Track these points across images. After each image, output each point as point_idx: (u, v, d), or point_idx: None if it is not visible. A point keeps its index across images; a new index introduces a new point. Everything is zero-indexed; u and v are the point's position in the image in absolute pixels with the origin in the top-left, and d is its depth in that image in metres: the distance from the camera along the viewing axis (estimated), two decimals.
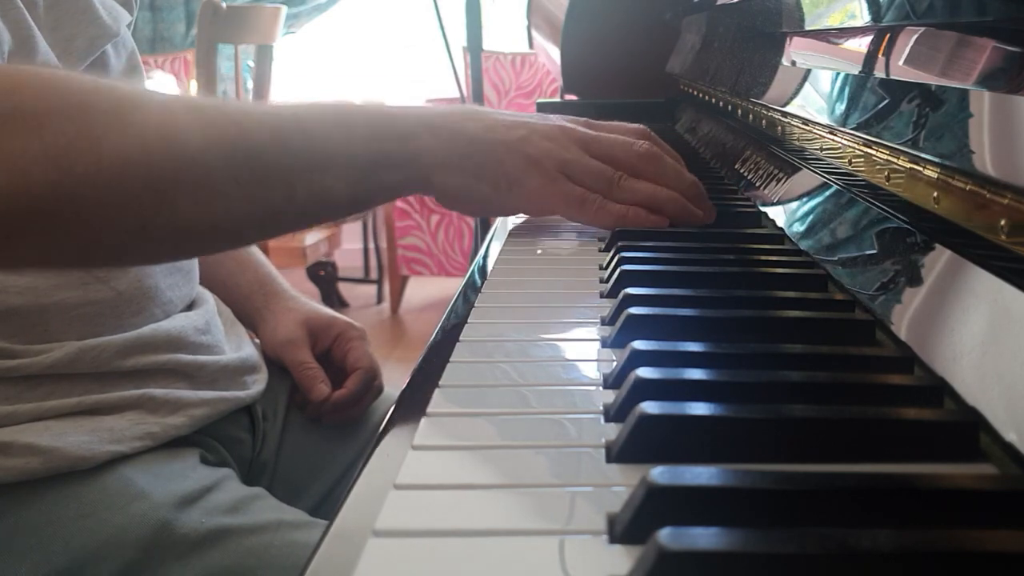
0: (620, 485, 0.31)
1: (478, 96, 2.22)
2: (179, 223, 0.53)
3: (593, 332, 0.48)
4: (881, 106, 0.53)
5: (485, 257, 0.66)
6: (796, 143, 0.72)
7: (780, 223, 0.66)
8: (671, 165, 0.68)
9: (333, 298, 3.56)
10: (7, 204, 0.47)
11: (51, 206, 0.48)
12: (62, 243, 0.51)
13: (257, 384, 0.83)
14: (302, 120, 0.57)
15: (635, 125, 0.70)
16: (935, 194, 0.44)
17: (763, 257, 0.60)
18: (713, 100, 1.07)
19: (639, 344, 0.41)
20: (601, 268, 0.61)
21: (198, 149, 0.52)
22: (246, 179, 0.54)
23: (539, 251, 0.69)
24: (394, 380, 0.78)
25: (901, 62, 0.52)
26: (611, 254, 0.61)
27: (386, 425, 0.37)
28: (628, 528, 0.28)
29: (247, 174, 0.54)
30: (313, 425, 0.90)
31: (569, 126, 0.66)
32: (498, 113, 0.65)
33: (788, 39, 0.79)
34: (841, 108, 0.61)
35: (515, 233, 0.73)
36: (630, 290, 0.50)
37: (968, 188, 0.41)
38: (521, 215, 0.81)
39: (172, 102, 0.54)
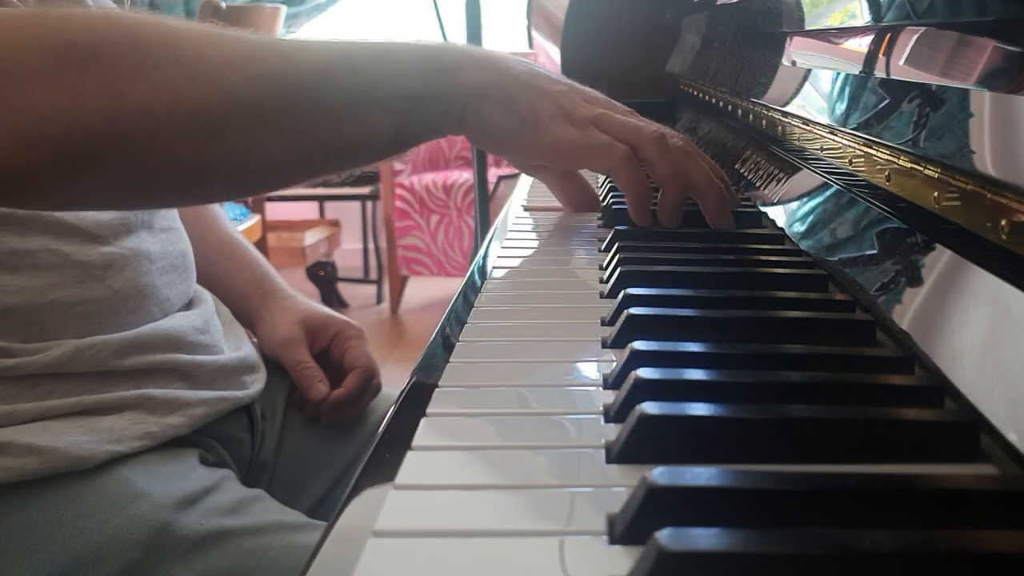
0: (620, 485, 0.31)
1: None
2: (230, 157, 0.53)
3: (593, 332, 0.48)
4: (881, 106, 0.53)
5: (485, 257, 0.66)
6: (796, 143, 0.72)
7: (780, 223, 0.66)
8: (703, 167, 0.68)
9: (333, 298, 3.56)
10: (66, 138, 0.48)
11: (106, 139, 0.49)
12: (117, 178, 0.51)
13: (256, 384, 0.83)
14: (350, 54, 0.58)
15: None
16: (935, 194, 0.44)
17: (763, 257, 0.60)
18: (713, 100, 1.07)
19: (639, 344, 0.41)
20: (601, 268, 0.61)
21: (248, 81, 0.53)
22: (294, 112, 0.55)
23: (539, 251, 0.69)
24: (394, 380, 0.78)
25: (901, 62, 0.52)
26: (611, 254, 0.61)
27: (386, 425, 0.37)
28: (628, 528, 0.28)
29: (295, 107, 0.55)
30: (312, 425, 0.90)
31: (609, 100, 0.68)
32: (547, 71, 0.66)
33: (788, 39, 0.79)
34: (841, 108, 0.61)
35: (515, 233, 0.73)
36: (630, 290, 0.50)
37: (968, 188, 0.41)
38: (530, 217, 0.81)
39: (221, 35, 0.55)
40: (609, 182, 0.89)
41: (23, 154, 0.47)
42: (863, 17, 0.61)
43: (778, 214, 0.68)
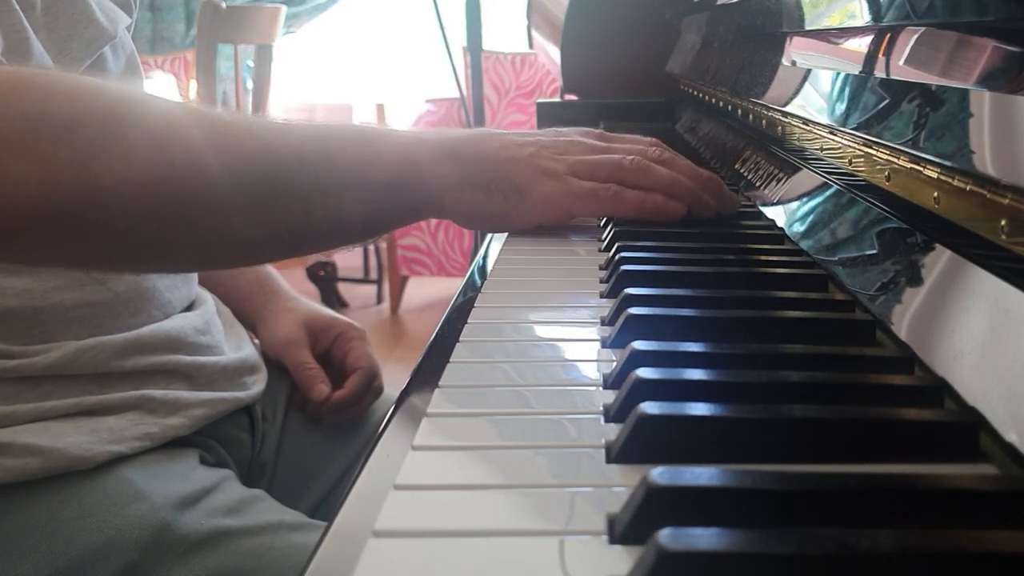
0: (620, 485, 0.31)
1: (478, 96, 2.22)
2: (198, 236, 0.54)
3: (593, 332, 0.48)
4: (881, 106, 0.53)
5: (485, 257, 0.66)
6: (796, 143, 0.72)
7: (780, 223, 0.66)
8: (685, 162, 0.69)
9: (333, 298, 3.56)
10: (34, 207, 0.48)
11: (76, 211, 0.49)
12: (83, 246, 0.52)
13: (257, 385, 0.83)
14: (324, 141, 0.59)
15: (648, 139, 0.71)
16: (935, 194, 0.44)
17: (763, 257, 0.60)
18: (713, 100, 1.07)
19: (639, 344, 0.41)
20: (601, 268, 0.61)
21: (222, 166, 0.53)
22: (266, 197, 0.55)
23: (539, 251, 0.69)
24: (394, 380, 0.78)
25: (901, 62, 0.52)
26: (611, 254, 0.61)
27: (386, 425, 0.37)
28: (628, 528, 0.28)
29: (267, 192, 0.55)
30: (313, 426, 0.90)
31: (580, 138, 0.68)
32: (512, 133, 0.67)
33: (788, 39, 0.79)
34: (841, 108, 0.61)
35: (515, 233, 0.73)
36: (630, 290, 0.50)
37: (968, 188, 0.41)
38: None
39: (200, 117, 0.55)
40: None
41: None
42: (863, 17, 0.61)
43: (778, 214, 0.68)
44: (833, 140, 0.62)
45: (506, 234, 0.72)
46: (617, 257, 0.58)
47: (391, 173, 0.60)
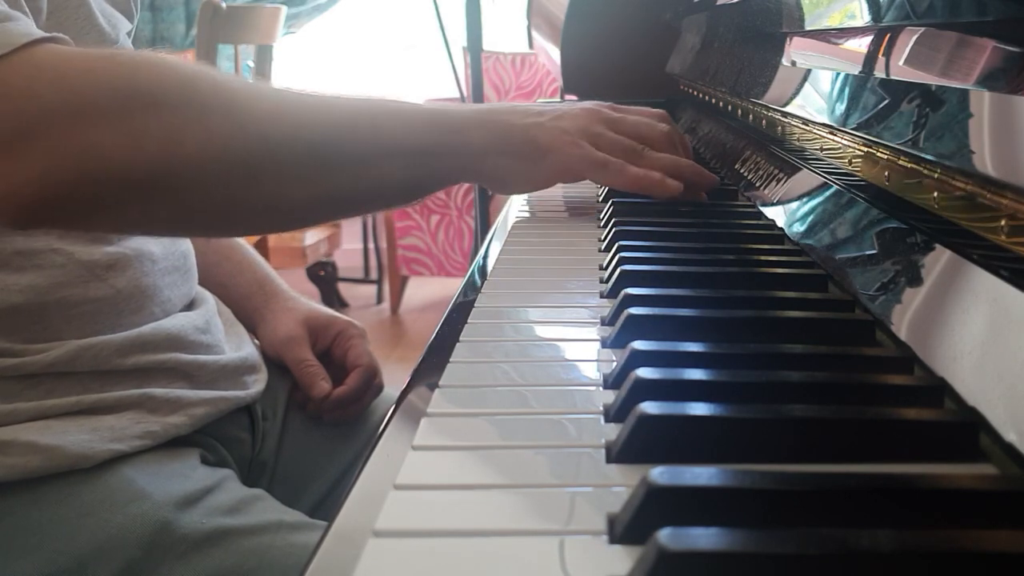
0: (620, 485, 0.31)
1: (478, 96, 2.22)
2: (263, 200, 0.59)
3: (593, 332, 0.48)
4: (881, 106, 0.53)
5: (485, 257, 0.66)
6: (796, 143, 0.72)
7: (780, 223, 0.66)
8: (687, 144, 0.78)
9: (333, 298, 3.56)
10: (125, 174, 0.52)
11: (161, 177, 0.54)
12: (163, 211, 0.57)
13: (257, 384, 0.83)
14: (373, 113, 0.64)
15: (655, 109, 0.78)
16: (935, 194, 0.44)
17: (763, 257, 0.60)
18: (713, 100, 1.07)
19: (639, 344, 0.41)
20: (601, 268, 0.61)
21: (285, 135, 0.58)
22: (323, 164, 0.60)
23: (539, 251, 0.69)
24: (394, 380, 0.78)
25: (901, 62, 0.52)
26: (611, 254, 0.61)
27: (386, 425, 0.37)
28: (628, 528, 0.28)
29: (324, 160, 0.60)
30: (313, 425, 0.90)
31: (596, 108, 0.75)
32: (536, 104, 0.74)
33: (788, 39, 0.79)
34: (841, 108, 0.61)
35: (515, 233, 0.73)
36: (630, 290, 0.50)
37: (968, 188, 0.41)
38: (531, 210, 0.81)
39: (262, 90, 0.61)
40: None
41: (85, 189, 0.52)
42: (863, 17, 0.61)
43: (778, 214, 0.68)
44: (833, 140, 0.62)
45: (506, 234, 0.73)
46: (617, 257, 0.58)
47: (429, 141, 0.65)
